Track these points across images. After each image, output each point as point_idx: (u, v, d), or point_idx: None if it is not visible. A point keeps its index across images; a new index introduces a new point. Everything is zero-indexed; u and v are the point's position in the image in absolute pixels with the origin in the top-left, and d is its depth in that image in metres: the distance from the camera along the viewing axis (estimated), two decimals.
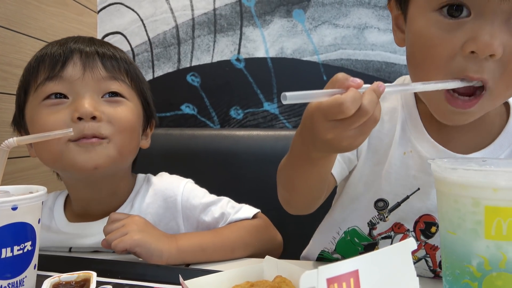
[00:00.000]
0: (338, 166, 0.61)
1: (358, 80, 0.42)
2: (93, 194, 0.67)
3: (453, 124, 0.54)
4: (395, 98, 0.62)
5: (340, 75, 0.43)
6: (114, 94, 0.64)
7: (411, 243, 0.33)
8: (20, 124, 0.68)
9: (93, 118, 0.60)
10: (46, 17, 0.99)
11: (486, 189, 0.36)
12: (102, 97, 0.64)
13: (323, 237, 0.69)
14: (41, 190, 0.44)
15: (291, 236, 0.85)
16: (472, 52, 0.45)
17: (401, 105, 0.60)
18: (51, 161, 0.63)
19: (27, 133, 0.66)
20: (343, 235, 0.66)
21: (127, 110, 0.65)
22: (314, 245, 0.71)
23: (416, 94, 0.62)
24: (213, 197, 0.72)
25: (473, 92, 0.48)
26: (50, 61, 0.62)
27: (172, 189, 0.70)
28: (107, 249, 0.59)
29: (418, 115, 0.59)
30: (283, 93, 0.39)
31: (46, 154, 0.63)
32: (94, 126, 0.60)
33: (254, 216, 0.71)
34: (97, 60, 0.63)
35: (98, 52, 0.64)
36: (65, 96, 0.62)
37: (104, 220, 0.62)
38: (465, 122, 0.52)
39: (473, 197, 0.37)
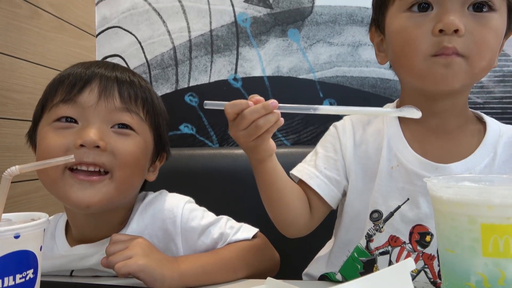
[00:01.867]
0: (325, 187, 0.67)
1: (257, 97, 0.53)
2: (91, 223, 0.66)
3: (443, 86, 0.59)
4: (381, 121, 0.68)
5: (255, 96, 0.54)
6: (124, 126, 0.63)
7: (409, 264, 0.34)
8: (32, 138, 0.67)
9: (97, 146, 0.59)
10: (45, 42, 1.01)
11: (481, 207, 0.37)
12: (111, 127, 0.62)
13: (334, 261, 0.71)
14: (43, 217, 0.44)
15: (292, 254, 0.85)
16: (440, 31, 0.55)
17: (386, 126, 0.67)
18: (48, 186, 0.63)
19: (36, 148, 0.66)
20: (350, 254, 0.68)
21: (133, 144, 0.63)
22: (322, 266, 0.73)
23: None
24: (212, 216, 0.71)
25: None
26: (69, 83, 0.62)
27: (171, 211, 0.68)
28: (106, 269, 0.59)
29: (401, 132, 0.66)
30: (205, 101, 0.55)
31: (44, 179, 0.62)
32: (96, 155, 0.59)
33: (254, 236, 0.71)
34: (115, 89, 0.63)
35: (118, 78, 0.64)
36: (75, 121, 0.62)
37: (105, 241, 0.61)
38: (452, 81, 0.58)
39: (469, 215, 0.37)
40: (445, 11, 0.56)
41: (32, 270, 0.43)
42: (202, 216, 0.69)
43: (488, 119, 0.66)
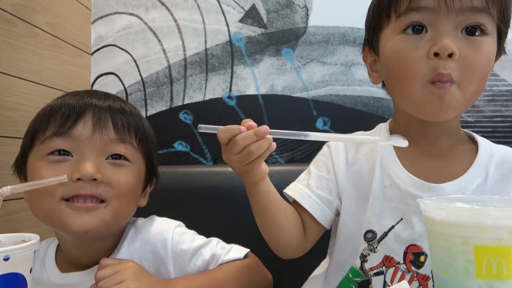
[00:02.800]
0: (317, 207, 0.68)
1: (249, 122, 0.54)
2: (82, 249, 0.66)
3: (438, 118, 0.60)
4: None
5: (247, 121, 0.55)
6: (119, 156, 0.64)
7: (404, 286, 0.34)
8: (21, 169, 0.67)
9: (93, 179, 0.60)
10: (40, 60, 1.01)
11: (474, 228, 0.37)
12: (106, 158, 0.63)
13: (331, 281, 0.70)
14: (33, 238, 0.44)
15: (286, 273, 0.84)
16: (435, 54, 0.56)
17: (379, 146, 0.67)
18: (42, 217, 0.62)
19: (26, 179, 0.65)
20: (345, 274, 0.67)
21: (129, 174, 0.64)
22: (318, 286, 0.72)
23: (391, 133, 0.69)
24: (202, 239, 0.71)
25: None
26: (62, 116, 0.62)
27: (161, 234, 0.68)
28: None
29: (394, 152, 0.66)
30: (199, 125, 0.57)
31: (37, 209, 0.62)
32: (93, 187, 0.60)
33: (245, 256, 0.70)
34: (108, 119, 0.63)
35: (111, 107, 0.65)
36: (70, 154, 0.62)
37: (95, 268, 0.60)
38: (447, 114, 0.59)
39: (462, 236, 0.38)
40: (440, 34, 0.57)
41: None
42: (192, 238, 0.69)
43: (480, 139, 0.66)
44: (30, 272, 0.43)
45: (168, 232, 0.68)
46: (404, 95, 0.61)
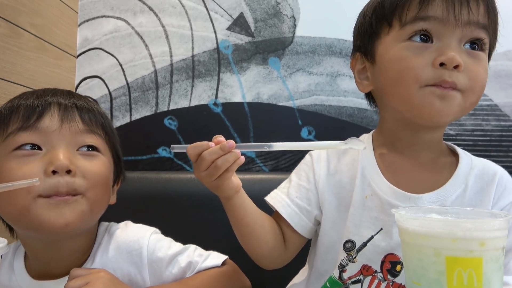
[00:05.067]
0: (295, 217, 0.68)
1: (219, 138, 0.56)
2: (52, 254, 0.63)
3: (438, 118, 0.60)
4: (356, 151, 0.69)
5: (217, 137, 0.57)
6: (90, 147, 0.63)
7: None
8: None
9: (68, 172, 0.58)
10: (24, 61, 1.00)
11: (446, 240, 0.37)
12: (77, 150, 0.62)
13: None
14: (1, 242, 0.43)
15: (265, 281, 0.83)
16: (441, 64, 0.57)
17: (361, 156, 0.67)
18: (15, 216, 0.59)
19: None
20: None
21: (102, 165, 0.63)
22: None
23: (373, 144, 0.69)
24: (179, 246, 0.69)
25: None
26: (25, 112, 0.60)
27: (137, 242, 0.66)
28: None
29: (375, 162, 0.66)
30: (171, 145, 0.59)
31: (10, 208, 0.59)
32: (69, 182, 0.58)
33: (223, 263, 0.70)
34: (75, 113, 0.62)
35: (77, 105, 0.63)
36: (38, 147, 0.60)
37: (66, 279, 0.58)
38: (447, 115, 0.59)
39: (434, 247, 0.38)
40: (446, 45, 0.58)
41: None
42: (169, 246, 0.68)
43: (461, 152, 0.67)
44: None
45: (143, 239, 0.66)
46: (403, 98, 0.60)
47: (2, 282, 0.55)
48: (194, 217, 1.02)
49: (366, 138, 0.72)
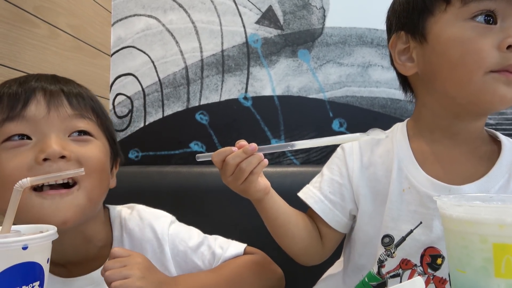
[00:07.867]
0: (329, 212, 0.67)
1: (241, 142, 0.56)
2: (64, 243, 0.57)
3: (499, 105, 0.57)
4: (390, 142, 0.66)
5: (240, 141, 0.57)
6: (82, 132, 0.60)
7: (418, 282, 0.33)
8: None
9: (62, 157, 0.55)
10: (62, 61, 1.04)
11: (493, 226, 0.36)
12: (69, 136, 0.59)
13: (348, 283, 0.69)
14: (51, 229, 0.45)
15: (298, 272, 0.83)
16: (509, 47, 0.53)
17: (396, 147, 0.65)
18: None
19: None
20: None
21: (96, 149, 0.60)
22: (335, 286, 0.71)
23: (408, 134, 0.66)
24: (198, 234, 0.69)
25: None
26: (9, 101, 0.57)
27: (158, 240, 0.65)
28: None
29: (411, 154, 0.64)
30: (197, 155, 0.60)
31: (4, 205, 0.53)
32: (63, 167, 0.55)
33: (245, 252, 0.70)
34: (62, 98, 0.59)
35: (63, 90, 0.60)
36: (28, 137, 0.57)
37: (87, 277, 0.58)
38: (510, 101, 0.55)
39: (480, 234, 0.37)
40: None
41: (38, 283, 0.43)
42: (189, 236, 0.68)
43: (504, 139, 0.64)
44: (47, 262, 0.44)
45: (163, 236, 0.66)
46: (461, 83, 0.57)
47: None
48: (227, 210, 1.03)
49: (400, 127, 0.69)
